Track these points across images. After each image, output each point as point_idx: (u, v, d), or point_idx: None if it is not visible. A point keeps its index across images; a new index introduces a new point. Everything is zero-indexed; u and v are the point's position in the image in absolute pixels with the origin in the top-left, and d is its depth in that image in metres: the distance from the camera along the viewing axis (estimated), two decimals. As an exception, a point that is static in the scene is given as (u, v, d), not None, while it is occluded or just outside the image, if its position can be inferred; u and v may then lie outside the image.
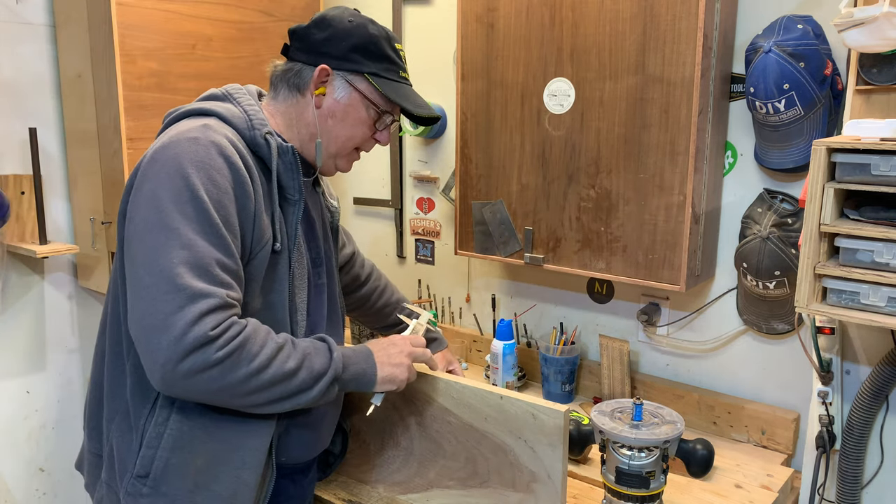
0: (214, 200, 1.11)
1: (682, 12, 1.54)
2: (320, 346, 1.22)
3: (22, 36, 2.01)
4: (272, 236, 1.23)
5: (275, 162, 1.23)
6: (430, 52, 2.25)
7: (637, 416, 1.39)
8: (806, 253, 1.32)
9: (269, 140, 1.23)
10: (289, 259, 1.27)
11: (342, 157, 1.36)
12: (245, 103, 1.27)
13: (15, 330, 2.10)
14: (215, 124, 1.20)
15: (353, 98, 1.29)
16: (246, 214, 1.17)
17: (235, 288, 1.13)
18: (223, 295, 1.09)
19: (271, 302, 1.25)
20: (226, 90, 1.31)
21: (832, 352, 1.55)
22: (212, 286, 1.08)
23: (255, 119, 1.24)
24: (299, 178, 1.27)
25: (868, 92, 1.45)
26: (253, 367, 1.10)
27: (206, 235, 1.10)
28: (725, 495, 1.54)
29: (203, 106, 1.25)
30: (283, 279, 1.26)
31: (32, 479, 2.19)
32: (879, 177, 1.25)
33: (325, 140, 1.31)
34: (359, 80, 1.29)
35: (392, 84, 1.31)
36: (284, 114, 1.32)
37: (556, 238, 1.82)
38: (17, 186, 2.00)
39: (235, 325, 1.10)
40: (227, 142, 1.17)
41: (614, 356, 1.90)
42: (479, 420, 1.36)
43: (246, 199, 1.17)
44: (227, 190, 1.14)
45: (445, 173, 2.28)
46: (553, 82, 1.75)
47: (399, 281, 2.46)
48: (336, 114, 1.30)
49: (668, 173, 1.62)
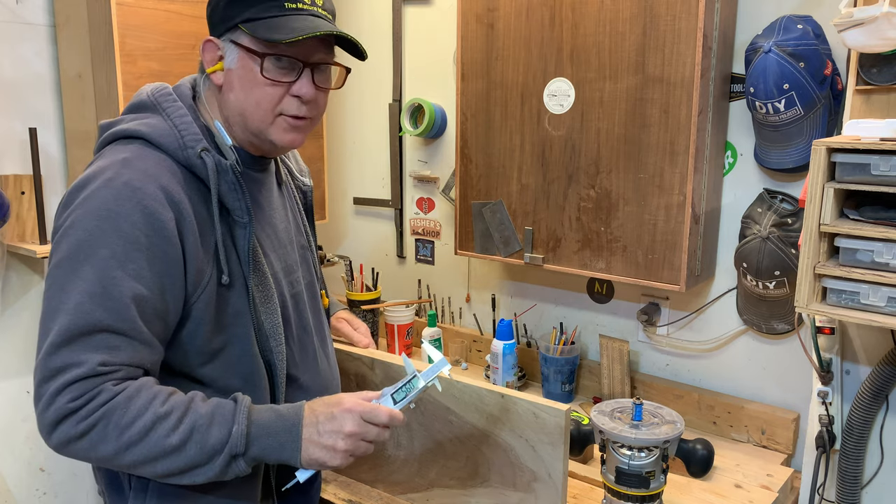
0: (118, 257, 1.01)
1: (682, 12, 1.54)
2: (225, 413, 1.05)
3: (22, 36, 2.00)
4: (216, 270, 1.11)
5: (214, 184, 1.10)
6: (430, 52, 2.25)
7: (637, 416, 1.39)
8: (806, 253, 1.33)
9: (206, 159, 1.09)
10: (245, 287, 1.14)
11: (268, 128, 1.15)
12: (175, 114, 1.12)
13: (15, 330, 2.10)
14: (138, 156, 1.07)
15: (241, 59, 1.11)
16: (168, 261, 1.05)
17: (123, 350, 1.01)
18: (94, 363, 0.99)
19: (234, 336, 1.13)
20: (154, 97, 1.15)
21: (832, 352, 1.56)
22: (84, 354, 0.99)
23: (187, 135, 1.10)
24: (244, 196, 1.12)
25: (868, 92, 1.45)
26: (123, 440, 1.00)
27: (95, 298, 1.00)
28: (725, 495, 1.54)
29: (129, 127, 1.11)
30: (242, 311, 1.14)
31: (33, 479, 2.19)
32: (879, 177, 1.25)
33: (240, 119, 1.15)
34: (239, 34, 1.11)
35: (269, 22, 1.09)
36: (214, 105, 1.18)
37: (556, 238, 1.82)
38: (17, 186, 2.00)
39: (103, 392, 0.99)
40: (146, 180, 1.04)
41: (614, 356, 1.90)
42: (480, 419, 1.36)
43: (166, 246, 1.04)
44: (137, 240, 1.02)
45: (445, 173, 2.28)
46: (553, 82, 1.75)
47: (399, 281, 2.46)
48: (233, 84, 1.13)
49: (668, 173, 1.62)
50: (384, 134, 2.41)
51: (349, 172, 2.55)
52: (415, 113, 2.25)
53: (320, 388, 1.30)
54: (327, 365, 1.36)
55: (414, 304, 2.34)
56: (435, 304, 2.38)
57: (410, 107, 2.24)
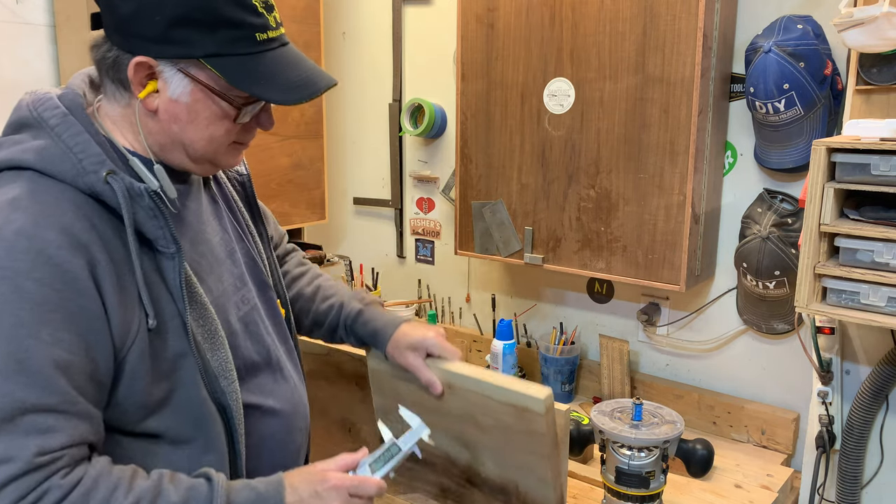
0: (27, 324, 0.84)
1: (682, 12, 1.54)
2: (199, 498, 0.92)
3: (22, 36, 2.00)
4: (142, 315, 0.93)
5: (127, 212, 0.91)
6: (430, 52, 2.25)
7: (637, 416, 1.39)
8: (806, 253, 1.33)
9: (113, 184, 0.90)
10: (184, 325, 0.97)
11: (216, 156, 1.01)
12: (66, 133, 0.92)
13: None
14: (29, 193, 0.88)
15: (195, 93, 0.94)
16: (88, 316, 0.88)
17: (59, 431, 0.85)
18: (28, 454, 0.83)
19: (178, 382, 0.98)
20: (37, 112, 0.94)
21: (832, 352, 1.56)
22: (12, 445, 0.82)
23: (85, 158, 0.91)
24: (167, 223, 0.95)
25: (868, 92, 1.45)
26: None
27: (10, 376, 0.83)
28: (725, 495, 1.54)
29: (11, 156, 0.92)
30: (183, 353, 0.97)
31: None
32: (879, 177, 1.25)
33: (181, 146, 0.98)
34: (196, 68, 0.93)
35: (244, 62, 0.93)
36: (124, 118, 0.98)
37: (556, 238, 1.82)
38: (17, 186, 2.00)
39: (51, 491, 0.84)
40: (43, 225, 0.86)
41: (614, 356, 1.90)
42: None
43: (82, 300, 0.87)
44: (47, 299, 0.85)
45: (445, 173, 2.28)
46: (553, 82, 1.75)
47: (399, 281, 2.46)
48: (180, 117, 0.95)
49: (668, 173, 1.62)
50: (384, 134, 2.41)
51: (349, 172, 2.55)
52: (415, 113, 2.25)
53: (288, 411, 1.15)
54: (295, 381, 1.20)
55: (414, 304, 2.34)
56: (435, 304, 2.38)
57: (410, 107, 2.24)
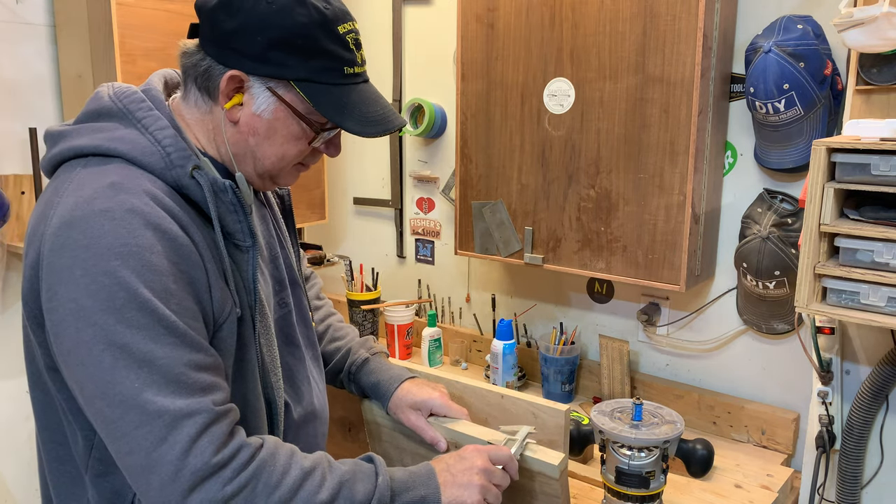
0: (159, 291, 0.88)
1: (682, 12, 1.54)
2: (365, 469, 1.01)
3: (22, 36, 2.00)
4: (232, 302, 0.99)
5: (213, 206, 0.97)
6: (430, 52, 2.25)
7: (637, 416, 1.39)
8: (806, 253, 1.32)
9: (199, 179, 0.96)
10: (252, 318, 1.03)
11: (280, 174, 1.07)
12: (154, 126, 0.96)
13: (15, 330, 2.10)
14: (125, 177, 0.92)
15: (278, 111, 1.00)
16: (199, 287, 0.94)
17: (221, 386, 0.92)
18: (209, 405, 0.88)
19: (240, 372, 1.03)
20: (122, 103, 0.98)
21: (832, 352, 1.56)
22: (193, 398, 0.87)
23: (173, 152, 0.95)
24: (246, 218, 1.00)
25: (868, 92, 1.45)
26: (273, 500, 0.91)
27: (163, 338, 0.87)
28: (725, 495, 1.54)
29: (99, 144, 0.95)
30: (249, 345, 1.04)
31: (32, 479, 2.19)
32: (879, 177, 1.25)
33: (251, 159, 1.04)
34: (284, 88, 0.99)
35: (330, 91, 0.99)
36: (201, 123, 1.03)
37: (556, 238, 1.82)
38: (17, 186, 2.00)
39: (245, 447, 0.91)
40: (150, 202, 0.91)
41: (614, 356, 1.90)
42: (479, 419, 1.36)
43: (194, 271, 0.93)
44: (169, 270, 0.90)
45: (445, 173, 2.28)
46: (553, 82, 1.75)
47: (399, 281, 2.46)
48: (258, 131, 1.01)
49: (668, 173, 1.62)
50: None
51: (349, 172, 2.55)
52: (415, 113, 2.25)
53: (314, 414, 1.22)
54: (320, 387, 1.27)
55: (414, 304, 2.34)
56: (435, 304, 2.38)
57: (410, 107, 2.24)
